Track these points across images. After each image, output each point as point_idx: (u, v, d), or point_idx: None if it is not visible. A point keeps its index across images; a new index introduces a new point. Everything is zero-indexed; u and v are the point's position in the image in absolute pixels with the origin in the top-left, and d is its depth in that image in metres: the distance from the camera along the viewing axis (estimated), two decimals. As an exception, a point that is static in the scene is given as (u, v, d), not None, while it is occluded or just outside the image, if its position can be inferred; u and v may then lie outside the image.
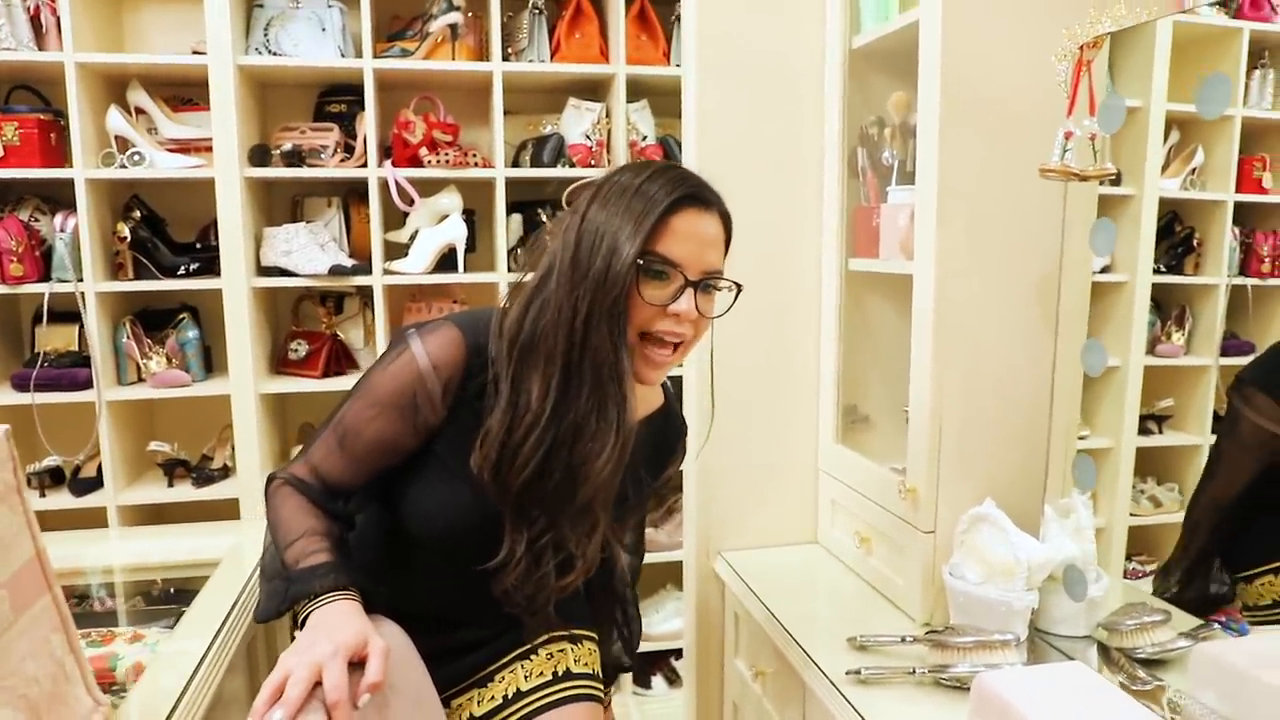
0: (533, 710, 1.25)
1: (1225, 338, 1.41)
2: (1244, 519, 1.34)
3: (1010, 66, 1.35)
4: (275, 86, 2.56)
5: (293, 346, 2.47)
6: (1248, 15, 1.37)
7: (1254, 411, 1.30)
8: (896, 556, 1.50)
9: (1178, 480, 1.52)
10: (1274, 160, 1.40)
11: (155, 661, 1.11)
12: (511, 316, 1.11)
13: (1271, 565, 1.27)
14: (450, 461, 1.14)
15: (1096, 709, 1.03)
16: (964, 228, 1.36)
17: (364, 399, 1.13)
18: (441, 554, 1.19)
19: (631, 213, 1.05)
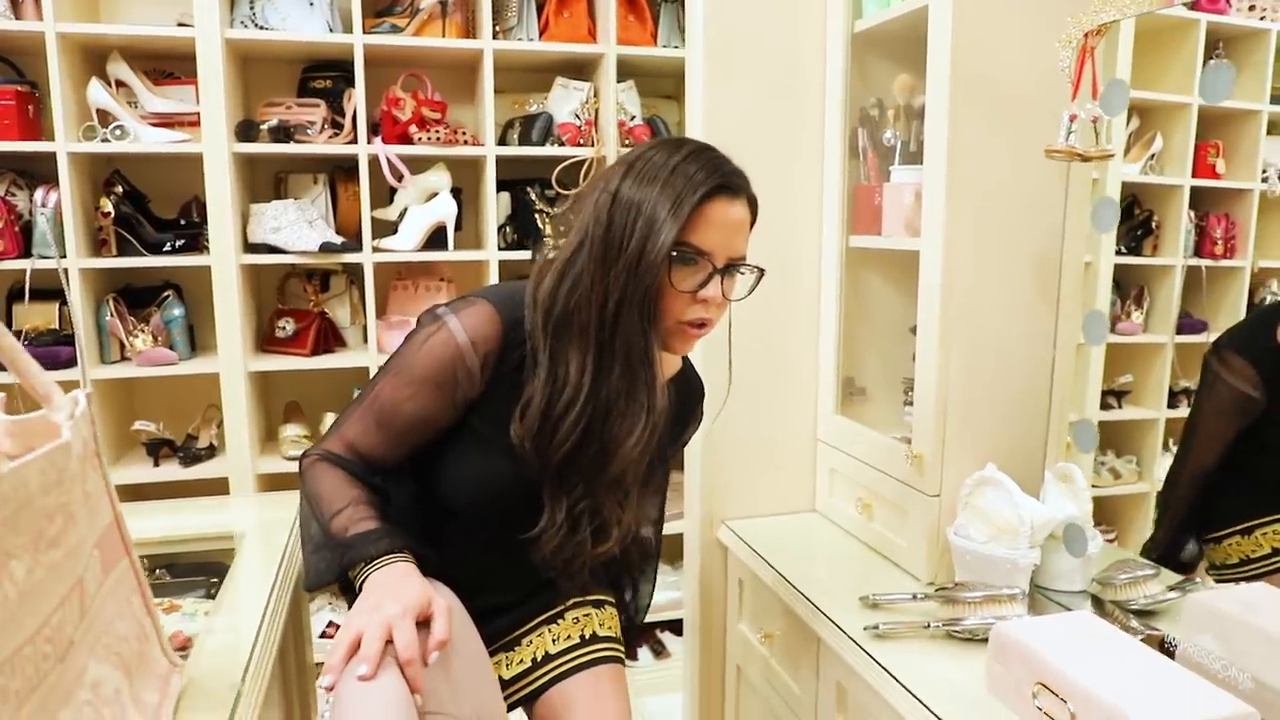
0: (562, 672, 1.30)
1: (1180, 316, 1.49)
2: (1216, 482, 1.43)
3: (1016, 52, 1.41)
4: (257, 61, 2.54)
5: (280, 324, 2.46)
6: (1204, 7, 1.44)
7: (1232, 374, 1.38)
8: (900, 520, 1.57)
9: (1136, 453, 1.61)
10: (1227, 147, 1.48)
11: (209, 629, 1.13)
12: (545, 289, 1.13)
13: (1240, 526, 1.36)
14: (487, 433, 1.17)
15: (1108, 651, 1.11)
16: (970, 206, 1.43)
17: (400, 377, 1.15)
18: (475, 522, 1.23)
19: (665, 198, 1.07)
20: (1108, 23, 1.30)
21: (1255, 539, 1.33)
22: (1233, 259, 1.46)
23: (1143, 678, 1.05)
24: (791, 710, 1.57)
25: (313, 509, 1.13)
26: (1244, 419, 1.36)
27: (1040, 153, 1.35)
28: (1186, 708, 0.99)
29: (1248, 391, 1.35)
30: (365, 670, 0.87)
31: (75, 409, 0.78)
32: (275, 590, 1.21)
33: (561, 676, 1.30)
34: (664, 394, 1.15)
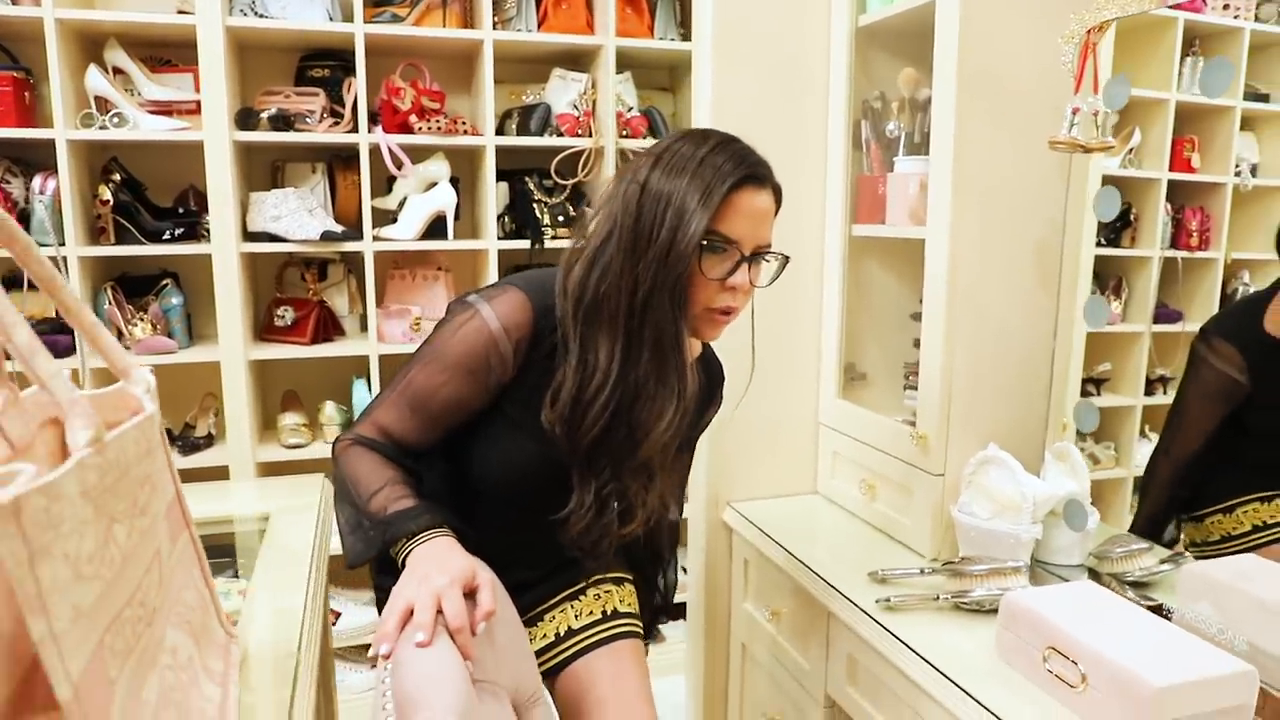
0: (585, 647, 1.34)
1: (1157, 306, 1.55)
2: (1200, 465, 1.49)
3: (1019, 48, 1.47)
4: (254, 50, 2.54)
5: (279, 313, 2.46)
6: (1182, 6, 1.49)
7: (1219, 359, 1.44)
8: (904, 499, 1.63)
9: (1114, 439, 1.67)
10: (1202, 141, 1.54)
11: (250, 605, 1.16)
12: (575, 277, 1.17)
13: (1222, 505, 1.42)
14: (518, 418, 1.20)
15: (1113, 616, 1.17)
16: (975, 196, 1.48)
17: (435, 364, 1.18)
18: (504, 503, 1.26)
19: (695, 189, 1.09)
20: (1109, 20, 1.35)
21: (1236, 517, 1.39)
22: (1207, 250, 1.51)
23: (1148, 640, 1.11)
24: (800, 685, 1.62)
25: (350, 491, 1.16)
26: (1229, 403, 1.42)
27: (1042, 145, 1.41)
28: (1191, 666, 1.05)
29: (1234, 376, 1.41)
30: (422, 637, 0.91)
31: (149, 385, 0.81)
32: (315, 566, 1.24)
33: (584, 651, 1.34)
34: (694, 378, 1.19)
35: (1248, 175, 1.45)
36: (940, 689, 1.20)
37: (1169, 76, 1.51)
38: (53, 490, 0.55)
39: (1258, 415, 1.39)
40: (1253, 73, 1.40)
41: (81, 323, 0.76)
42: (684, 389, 1.17)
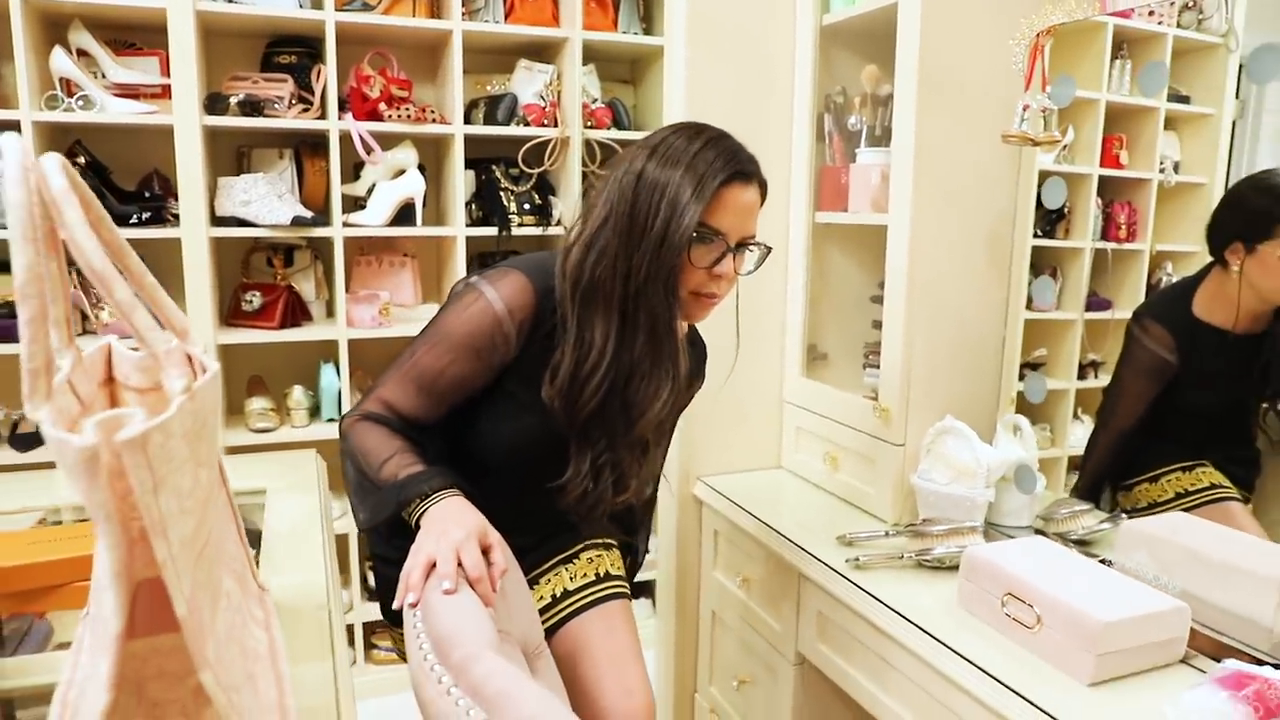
0: (580, 607, 1.42)
1: (1089, 295, 1.67)
2: (1132, 439, 1.62)
3: (975, 48, 1.58)
4: (219, 35, 2.54)
5: (246, 298, 2.48)
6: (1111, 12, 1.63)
7: (1151, 340, 1.56)
8: (867, 469, 1.74)
9: (1049, 421, 1.79)
10: (1130, 139, 1.66)
11: (263, 572, 1.21)
12: (573, 261, 1.24)
13: (1147, 475, 1.55)
14: (520, 394, 1.28)
15: (1063, 565, 1.29)
16: (934, 186, 1.59)
17: (441, 344, 1.24)
18: (503, 474, 1.33)
19: (688, 181, 1.17)
20: (1057, 24, 1.47)
21: (1161, 485, 1.52)
22: (1134, 242, 1.63)
23: (1094, 584, 1.23)
24: (771, 646, 1.72)
25: (360, 461, 1.22)
26: (1160, 380, 1.54)
27: (995, 139, 1.52)
28: (1132, 604, 1.17)
29: (1164, 356, 1.53)
30: (449, 585, 0.98)
31: (206, 345, 0.86)
32: (324, 531, 1.30)
33: (578, 611, 1.41)
34: (686, 359, 1.27)
35: (1171, 172, 1.56)
36: (909, 636, 1.30)
37: (1100, 77, 1.61)
38: (167, 428, 0.61)
39: (1183, 392, 1.51)
40: (1175, 76, 1.51)
41: (142, 285, 0.81)
42: (677, 369, 1.26)
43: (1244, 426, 1.43)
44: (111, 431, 0.58)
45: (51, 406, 0.64)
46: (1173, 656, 1.20)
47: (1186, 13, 1.50)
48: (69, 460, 0.58)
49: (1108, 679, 1.14)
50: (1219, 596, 1.25)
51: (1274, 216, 1.35)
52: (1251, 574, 1.23)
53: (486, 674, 0.80)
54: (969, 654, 1.21)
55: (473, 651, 0.85)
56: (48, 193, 0.67)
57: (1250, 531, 1.36)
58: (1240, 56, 1.41)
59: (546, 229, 2.66)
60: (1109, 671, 1.14)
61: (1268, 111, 1.39)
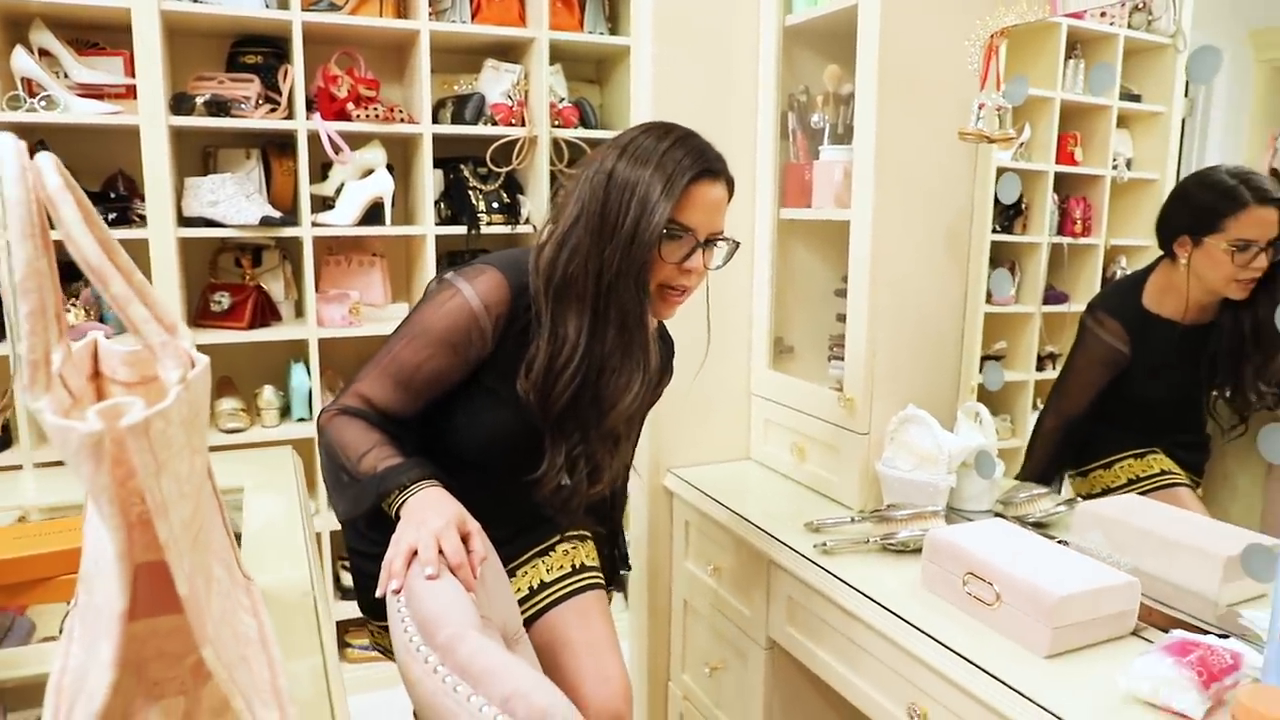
0: (558, 598, 1.45)
1: (1046, 289, 1.71)
2: (1085, 427, 1.68)
3: (933, 48, 1.63)
4: (184, 35, 2.54)
5: (215, 299, 2.48)
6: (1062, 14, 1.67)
7: (1105, 331, 1.62)
8: (833, 458, 1.79)
9: (1009, 411, 1.84)
10: (1084, 137, 1.72)
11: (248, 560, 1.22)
12: (545, 258, 1.27)
13: (1101, 461, 1.61)
14: (496, 388, 1.31)
15: (1021, 545, 1.35)
16: (895, 182, 1.64)
17: (418, 339, 1.27)
18: (481, 467, 1.36)
19: (657, 180, 1.21)
20: (1009, 25, 1.53)
21: (1114, 471, 1.57)
22: (1089, 237, 1.67)
23: (1050, 562, 1.28)
24: (742, 631, 1.77)
25: (338, 455, 1.24)
26: (1113, 370, 1.60)
27: (953, 136, 1.58)
28: (1086, 579, 1.23)
29: (1117, 346, 1.59)
30: (431, 571, 1.01)
31: (192, 340, 0.89)
32: (305, 525, 1.31)
33: (556, 603, 1.45)
34: (656, 353, 1.31)
35: (1124, 169, 1.61)
36: (875, 617, 1.35)
37: (1054, 77, 1.66)
38: (167, 415, 0.63)
39: (1135, 381, 1.57)
40: (1127, 75, 1.56)
41: (131, 281, 0.83)
42: (648, 362, 1.30)
43: (1194, 414, 1.48)
44: (114, 419, 0.60)
45: (51, 397, 0.66)
46: (1124, 629, 1.25)
47: (1137, 14, 1.54)
48: (72, 447, 0.61)
49: (1063, 651, 1.20)
50: (1168, 572, 1.31)
51: (1219, 211, 1.40)
52: (1198, 551, 1.29)
53: (472, 652, 0.83)
54: (933, 631, 1.26)
55: (458, 632, 0.88)
56: (43, 191, 0.69)
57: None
58: (1188, 56, 1.47)
59: (515, 227, 2.68)
60: (1064, 644, 1.20)
61: (1216, 109, 1.43)
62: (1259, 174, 1.36)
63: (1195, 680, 1.04)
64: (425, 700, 0.84)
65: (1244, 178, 1.38)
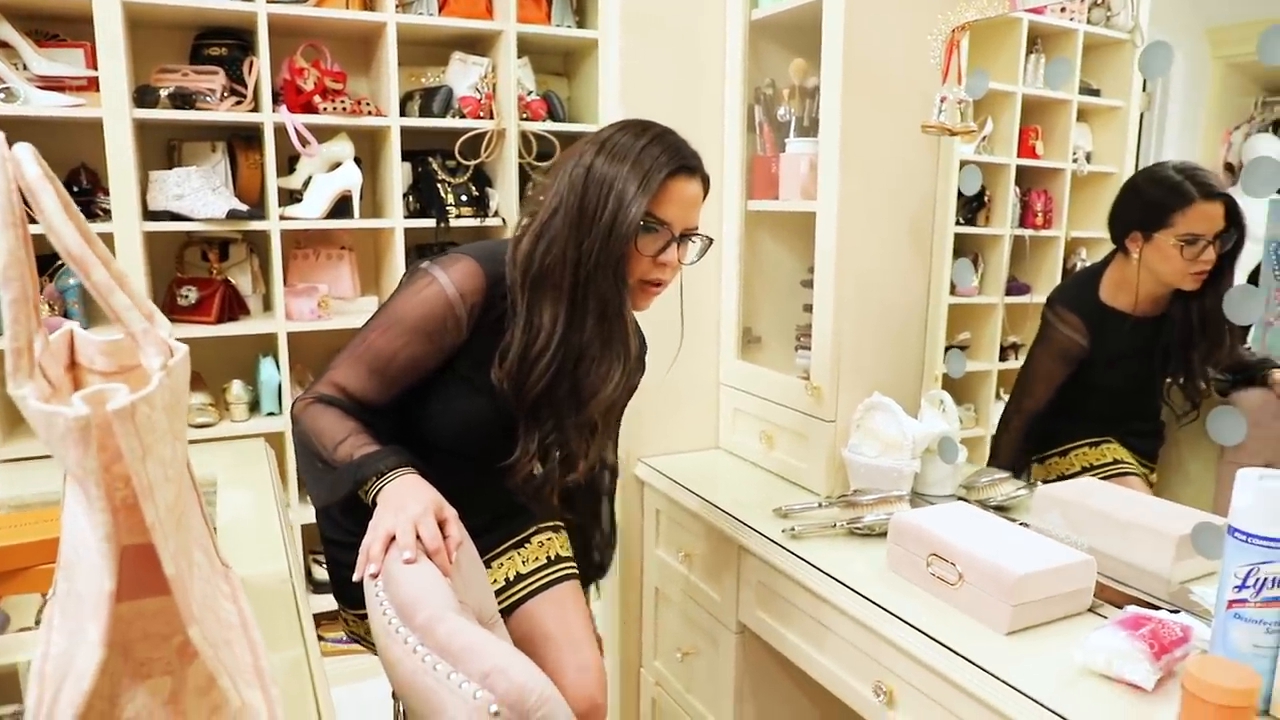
0: (535, 589, 1.48)
1: (1009, 280, 1.75)
2: (1046, 417, 1.71)
3: (897, 42, 1.66)
4: (147, 26, 2.51)
5: (181, 293, 2.46)
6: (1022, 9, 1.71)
7: (1064, 325, 1.66)
8: (800, 446, 1.82)
9: (973, 401, 1.88)
10: (1045, 131, 1.75)
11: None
12: (523, 249, 1.29)
13: (1058, 449, 1.65)
14: (470, 376, 1.32)
15: (982, 527, 1.39)
16: (860, 174, 1.67)
17: (394, 328, 1.28)
18: (455, 454, 1.37)
19: (634, 175, 1.24)
20: (970, 20, 1.57)
21: (1070, 459, 1.62)
22: (1050, 229, 1.71)
23: (1010, 543, 1.33)
24: (713, 617, 1.79)
25: (313, 444, 1.25)
26: (1072, 363, 1.63)
27: (916, 129, 1.61)
28: (1045, 558, 1.27)
29: (1076, 339, 1.64)
30: (409, 555, 1.02)
31: (170, 330, 0.89)
32: (281, 517, 1.32)
33: (533, 594, 1.47)
34: (636, 343, 1.34)
35: (1084, 162, 1.64)
36: (843, 598, 1.38)
37: (1015, 71, 1.69)
38: (151, 400, 0.65)
39: (1093, 372, 1.61)
40: (1086, 70, 1.60)
41: (114, 272, 0.84)
42: (628, 353, 1.32)
43: (1149, 403, 1.52)
44: (100, 404, 0.61)
45: (35, 384, 0.67)
46: (1081, 606, 1.30)
47: (1096, 9, 1.57)
48: (58, 432, 0.62)
49: (1023, 627, 1.24)
50: (1123, 551, 1.36)
51: (1167, 206, 1.44)
52: (1151, 531, 1.34)
53: (450, 631, 0.85)
54: (898, 611, 1.30)
55: (436, 613, 0.90)
56: (23, 180, 0.70)
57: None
58: (1142, 51, 1.50)
59: (484, 220, 2.69)
60: (1024, 621, 1.24)
61: (1173, 103, 1.46)
62: (1205, 169, 1.40)
63: (1147, 652, 1.08)
64: (406, 680, 0.86)
65: (1190, 173, 1.42)
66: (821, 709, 1.85)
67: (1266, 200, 1.26)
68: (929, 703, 1.24)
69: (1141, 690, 1.07)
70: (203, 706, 0.74)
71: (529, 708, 0.78)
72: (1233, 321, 1.23)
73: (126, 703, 0.71)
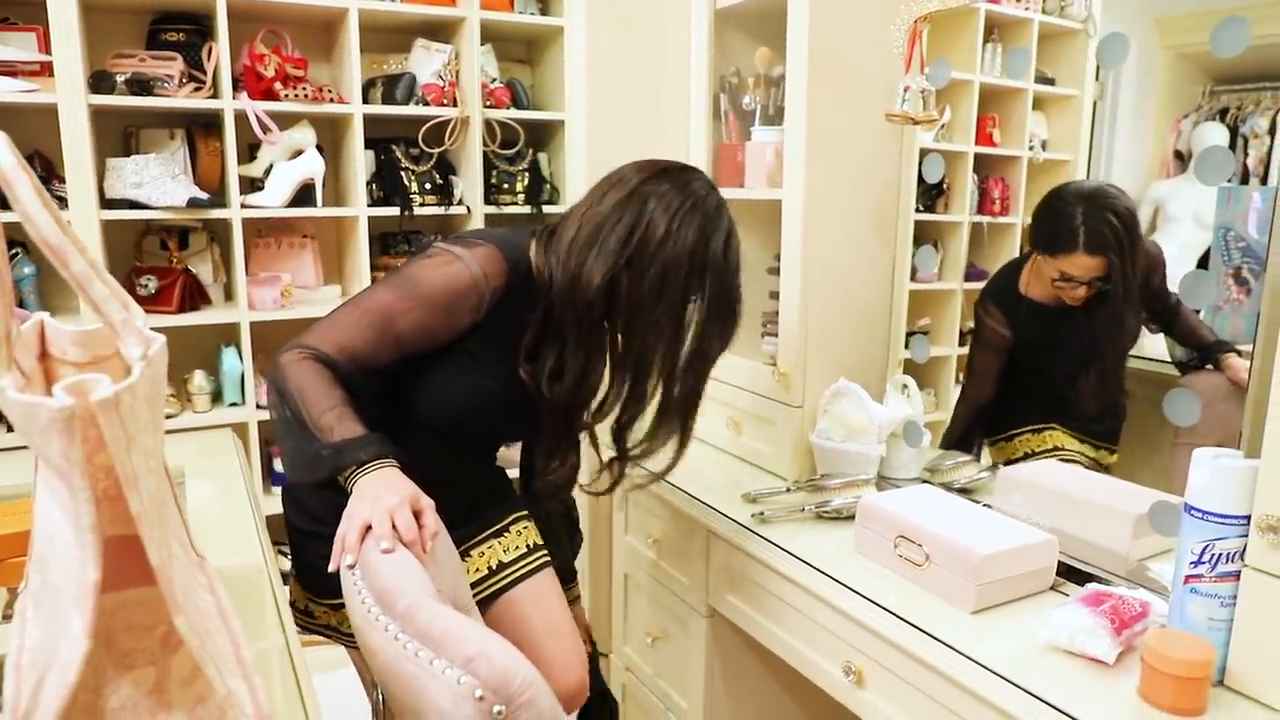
0: (516, 578, 1.50)
1: (967, 267, 1.78)
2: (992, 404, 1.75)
3: (861, 31, 1.68)
4: (102, 11, 2.45)
5: (141, 282, 2.42)
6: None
7: (992, 319, 1.70)
8: (767, 431, 1.85)
9: (934, 385, 1.91)
10: (1002, 119, 1.79)
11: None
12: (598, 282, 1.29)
13: (1003, 436, 1.70)
14: (481, 356, 1.33)
15: (948, 509, 1.42)
16: (825, 162, 1.70)
17: (406, 292, 1.26)
18: (444, 436, 1.38)
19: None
20: (932, 11, 1.59)
21: (1014, 444, 1.66)
22: (1007, 216, 1.74)
23: (975, 523, 1.36)
24: (683, 600, 1.82)
25: (295, 401, 1.20)
26: (1003, 354, 1.69)
27: (880, 118, 1.64)
28: (1008, 538, 1.30)
29: (1000, 331, 1.68)
30: (386, 545, 1.02)
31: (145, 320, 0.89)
32: (254, 508, 1.31)
33: (515, 583, 1.49)
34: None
35: (1039, 150, 1.67)
36: (811, 581, 1.41)
37: (974, 60, 1.71)
38: (134, 390, 0.64)
39: (1022, 361, 1.66)
40: (1041, 59, 1.63)
41: (88, 261, 0.83)
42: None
43: (1092, 386, 1.56)
44: (83, 395, 0.61)
45: (12, 375, 0.67)
46: (1043, 584, 1.34)
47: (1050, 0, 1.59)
48: (40, 423, 0.61)
49: (988, 606, 1.27)
50: (1083, 531, 1.40)
51: (1054, 244, 1.51)
52: (1110, 510, 1.38)
53: (431, 618, 0.85)
54: (866, 592, 1.32)
55: (416, 601, 0.90)
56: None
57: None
58: (1099, 42, 1.54)
59: (449, 209, 2.67)
60: (989, 600, 1.27)
61: (1125, 92, 1.49)
62: (1114, 209, 1.45)
63: (1108, 628, 1.12)
64: (387, 667, 0.87)
65: (1091, 214, 1.48)
66: (792, 691, 1.89)
67: (1216, 188, 1.30)
68: (898, 681, 1.27)
69: (1103, 664, 1.11)
70: (188, 696, 0.74)
71: (513, 691, 0.79)
72: (1186, 304, 1.28)
73: (111, 694, 0.70)
